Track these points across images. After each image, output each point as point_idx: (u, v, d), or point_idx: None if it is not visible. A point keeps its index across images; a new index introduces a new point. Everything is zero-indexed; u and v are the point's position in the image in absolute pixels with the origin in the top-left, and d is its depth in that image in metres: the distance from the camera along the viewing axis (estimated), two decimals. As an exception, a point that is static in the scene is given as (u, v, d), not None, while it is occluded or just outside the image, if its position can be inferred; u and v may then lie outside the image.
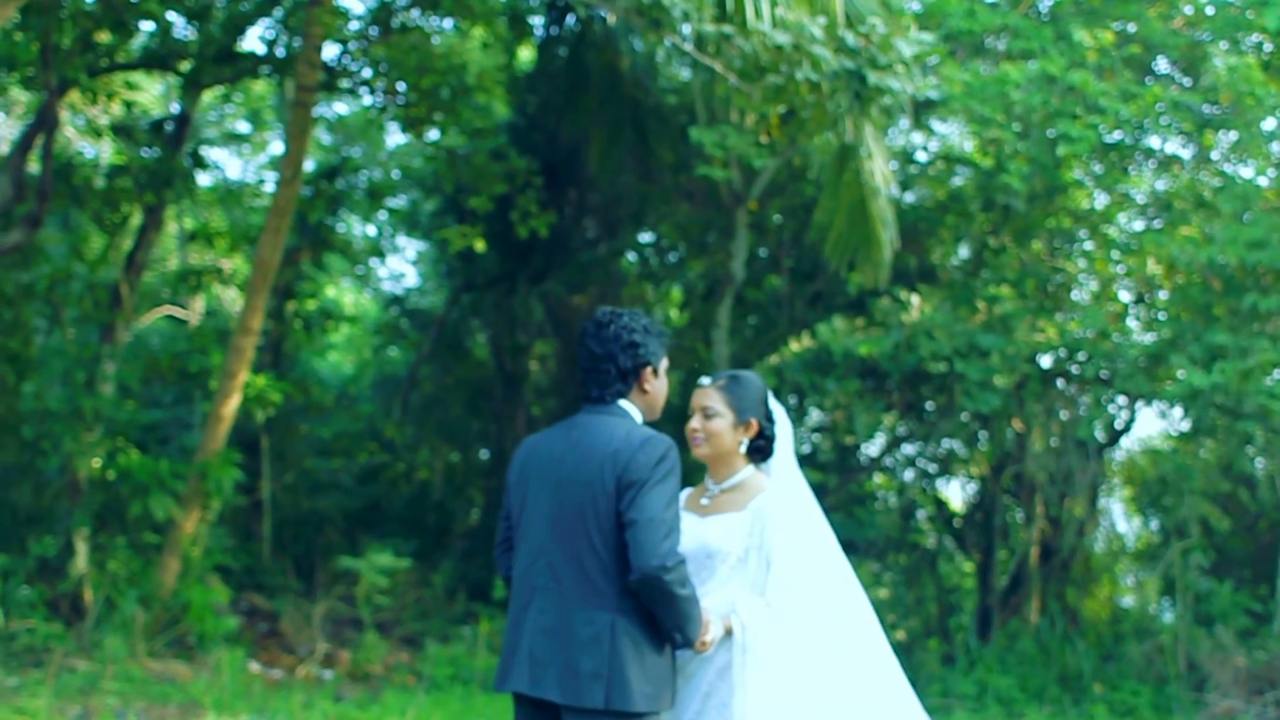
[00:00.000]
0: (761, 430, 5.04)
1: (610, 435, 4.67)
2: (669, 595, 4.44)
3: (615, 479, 4.55)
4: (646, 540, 4.43)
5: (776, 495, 4.93)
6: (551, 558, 4.61)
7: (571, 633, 4.52)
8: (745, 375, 5.08)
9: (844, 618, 4.96)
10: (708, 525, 4.88)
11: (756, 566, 4.83)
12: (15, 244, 14.54)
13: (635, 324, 4.84)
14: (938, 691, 14.24)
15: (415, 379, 22.19)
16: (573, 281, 20.66)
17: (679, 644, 4.60)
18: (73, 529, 14.48)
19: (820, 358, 14.85)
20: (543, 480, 4.72)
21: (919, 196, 17.59)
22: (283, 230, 14.47)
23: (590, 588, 4.54)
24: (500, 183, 16.30)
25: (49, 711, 10.42)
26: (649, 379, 4.85)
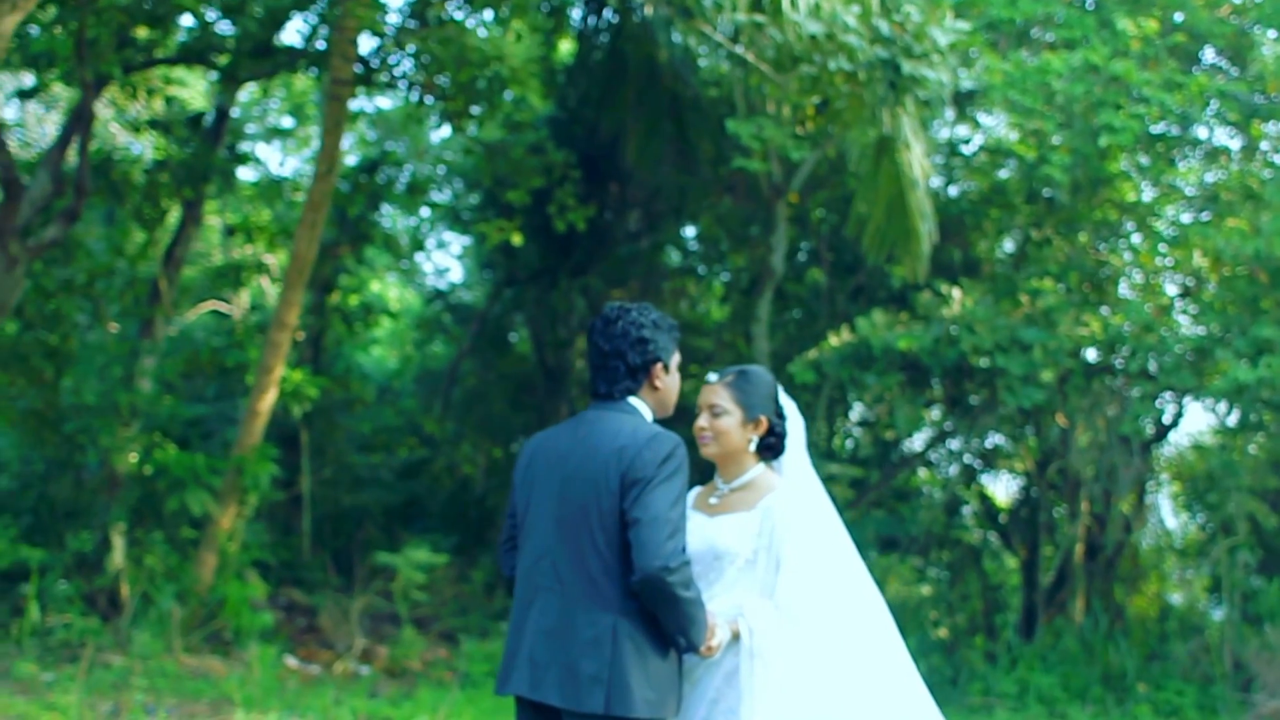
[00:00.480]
0: (772, 427, 4.88)
1: (617, 432, 4.53)
2: (672, 597, 4.29)
3: (620, 476, 4.41)
4: (650, 540, 4.28)
5: (787, 494, 4.77)
6: (555, 557, 4.49)
7: (573, 634, 4.39)
8: (753, 370, 4.93)
9: (857, 620, 4.79)
10: (716, 525, 4.74)
11: (766, 568, 4.67)
12: (53, 239, 14.54)
13: (644, 319, 4.69)
14: (979, 690, 14.06)
15: (456, 374, 22.13)
16: (614, 275, 20.55)
17: (683, 648, 4.45)
18: (110, 524, 14.50)
19: (860, 352, 14.67)
20: (548, 478, 4.59)
21: (964, 189, 17.38)
22: (318, 224, 14.42)
23: (593, 588, 4.41)
24: (538, 176, 16.22)
25: (80, 707, 10.39)
26: (659, 375, 4.71)
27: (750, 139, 13.62)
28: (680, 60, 16.33)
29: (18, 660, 12.32)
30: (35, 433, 15.35)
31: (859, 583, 4.88)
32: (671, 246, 20.39)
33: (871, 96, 11.59)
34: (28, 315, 15.57)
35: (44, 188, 14.91)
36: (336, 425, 19.43)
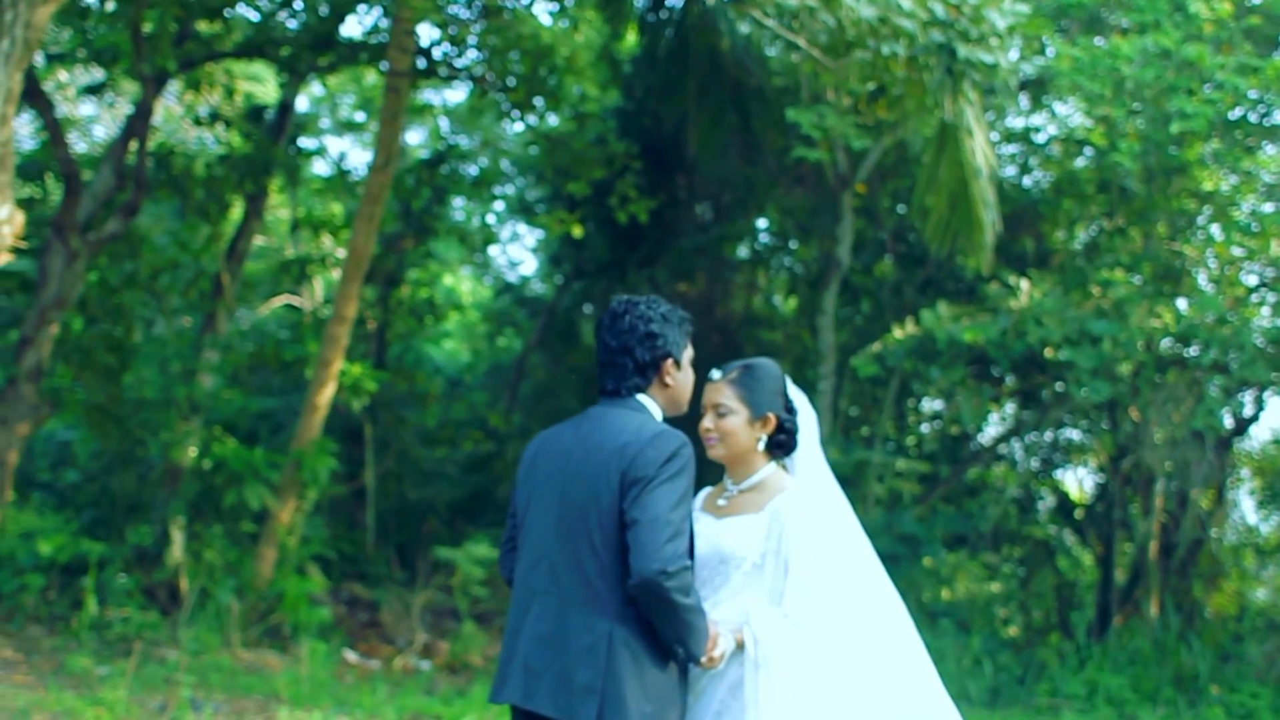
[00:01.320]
0: (781, 424, 4.64)
1: (620, 429, 4.31)
2: (669, 604, 4.05)
3: (620, 475, 4.19)
4: (648, 542, 4.05)
5: (797, 495, 4.52)
6: (553, 560, 4.28)
7: (567, 642, 4.17)
8: (759, 364, 4.70)
9: (871, 628, 4.55)
10: (722, 528, 4.50)
11: (774, 573, 4.42)
12: (113, 233, 14.56)
13: (653, 312, 4.49)
14: (1046, 691, 13.74)
15: (524, 367, 22.01)
16: (681, 268, 20.35)
17: (681, 659, 4.23)
18: (169, 518, 14.50)
19: (924, 345, 14.38)
20: (549, 477, 4.38)
21: (1037, 179, 17.02)
22: (376, 217, 14.33)
23: (589, 593, 4.19)
24: (599, 168, 16.04)
25: (127, 703, 10.34)
26: (670, 372, 4.50)
27: (811, 128, 13.37)
28: (743, 48, 16.08)
29: (71, 654, 12.32)
30: (98, 427, 15.40)
31: (875, 587, 4.63)
32: (739, 238, 20.08)
33: (929, 82, 11.29)
34: (91, 309, 15.63)
35: (106, 182, 14.97)
36: (401, 419, 19.37)
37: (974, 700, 13.58)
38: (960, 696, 13.58)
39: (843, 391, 16.40)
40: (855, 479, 16.25)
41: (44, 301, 14.32)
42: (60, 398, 15.02)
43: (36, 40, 7.93)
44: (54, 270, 14.31)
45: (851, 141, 13.56)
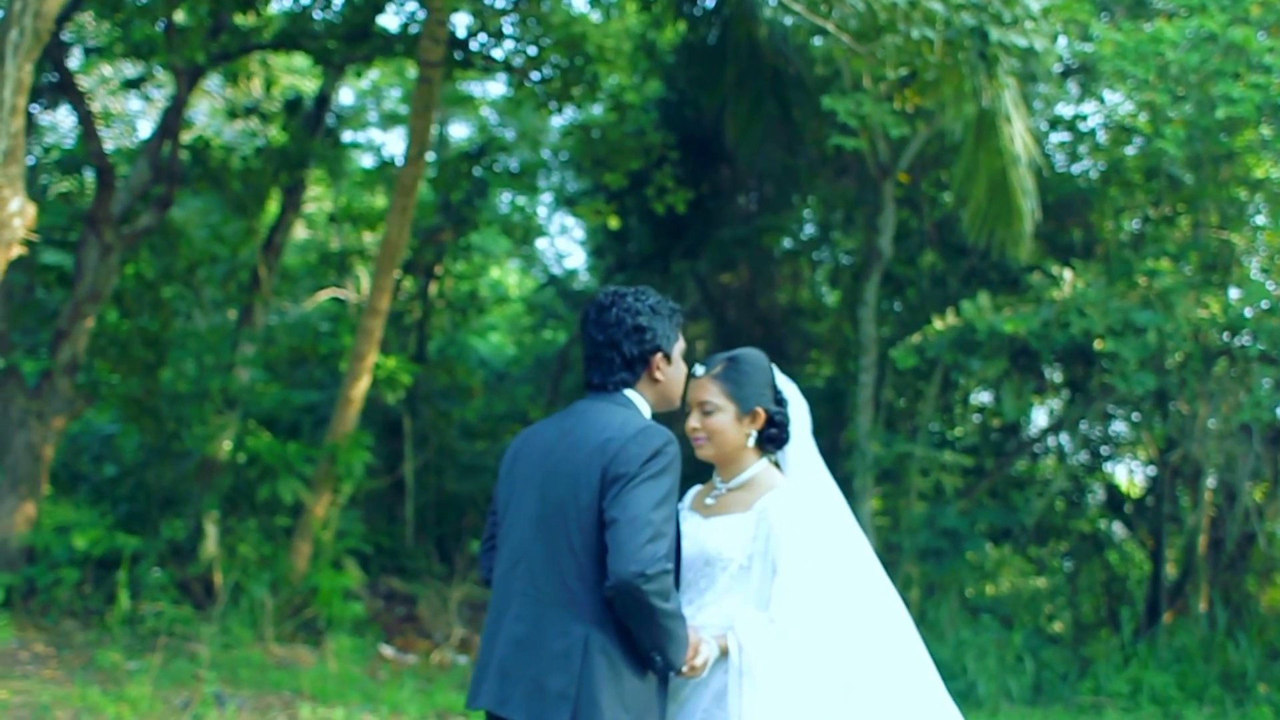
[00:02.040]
0: (771, 418, 4.45)
1: (604, 424, 4.13)
2: (647, 608, 3.85)
3: (600, 471, 4.00)
4: (626, 542, 3.85)
5: (787, 493, 4.31)
6: (532, 560, 4.09)
7: (543, 646, 3.99)
8: (745, 356, 4.51)
9: (864, 633, 4.33)
10: (709, 527, 4.31)
11: (762, 575, 4.22)
12: (146, 226, 14.54)
13: (641, 305, 4.31)
14: (1089, 689, 13.46)
15: (566, 360, 21.88)
16: (723, 260, 20.17)
17: (659, 667, 4.01)
18: (203, 512, 14.46)
19: (965, 336, 14.12)
20: (530, 473, 4.20)
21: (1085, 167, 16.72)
22: (409, 209, 14.22)
23: (567, 595, 4.01)
24: (636, 158, 15.87)
25: (151, 698, 10.29)
26: (660, 366, 4.32)
27: (848, 116, 13.12)
28: (781, 37, 15.87)
29: (102, 649, 12.29)
30: (135, 420, 15.39)
31: (871, 589, 4.42)
32: (782, 230, 19.84)
33: (962, 67, 11.04)
34: (128, 303, 15.62)
35: (142, 176, 14.96)
36: (442, 412, 19.28)
37: (1015, 698, 13.34)
38: (1002, 693, 13.36)
39: (885, 383, 16.15)
40: (897, 472, 16.03)
41: (79, 295, 14.32)
42: (97, 391, 15.03)
43: (46, 30, 7.85)
44: (89, 264, 14.32)
45: (889, 129, 13.28)
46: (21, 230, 7.92)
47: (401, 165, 14.66)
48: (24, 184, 7.97)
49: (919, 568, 15.21)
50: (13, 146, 7.71)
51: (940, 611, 14.62)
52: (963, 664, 13.58)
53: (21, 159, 7.81)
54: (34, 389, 14.27)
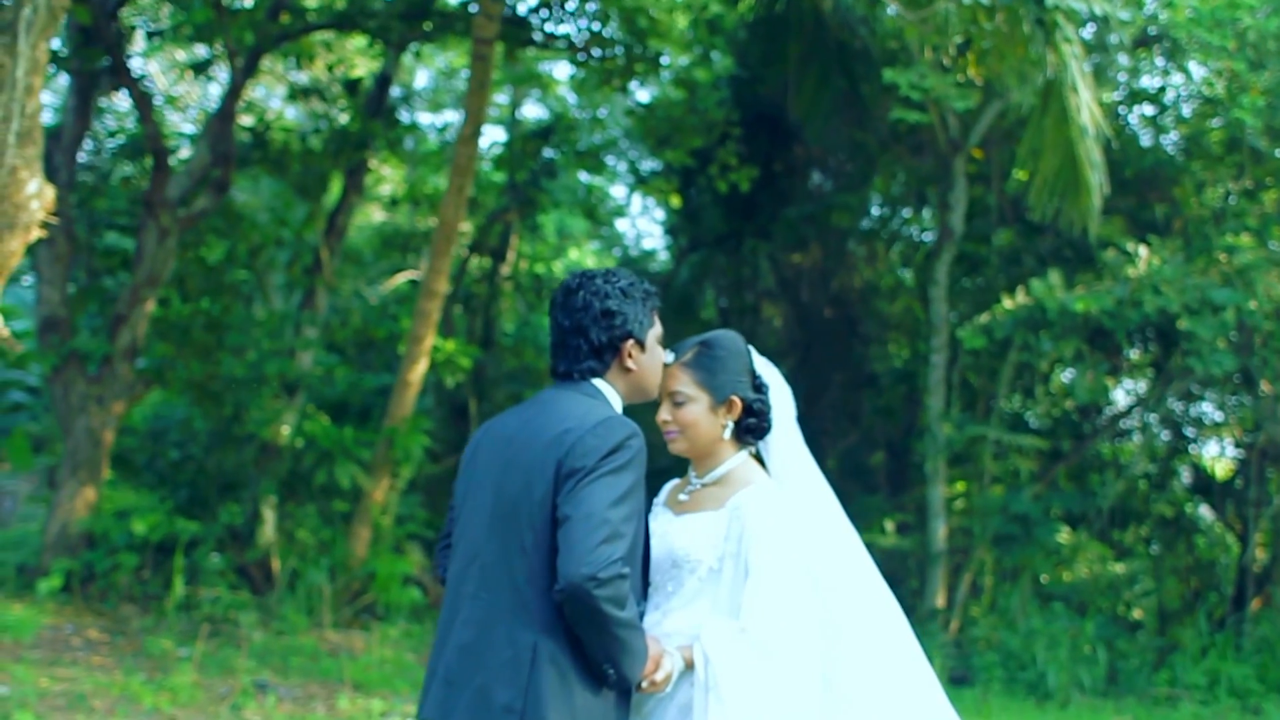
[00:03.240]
0: (749, 406, 4.08)
1: (565, 414, 3.79)
2: (598, 616, 3.51)
3: (556, 464, 3.68)
4: (578, 542, 3.51)
5: (764, 488, 3.96)
6: (484, 560, 3.76)
7: (489, 653, 3.67)
8: (718, 339, 4.15)
9: (850, 645, 3.99)
10: (678, 526, 3.98)
11: (733, 578, 3.87)
12: (203, 209, 14.45)
13: (610, 287, 3.95)
14: (1165, 680, 13.01)
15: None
16: (795, 239, 19.79)
17: (612, 681, 3.67)
18: (260, 497, 14.37)
19: (1035, 315, 13.67)
20: (488, 467, 3.88)
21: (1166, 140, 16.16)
22: (465, 189, 14.01)
23: (517, 599, 3.67)
24: (698, 136, 15.54)
25: (193, 687, 10.16)
26: (632, 354, 3.96)
27: (909, 89, 12.71)
28: (846, 8, 15.44)
29: (152, 636, 12.22)
30: (197, 405, 15.33)
31: (858, 596, 4.06)
32: (854, 208, 19.39)
33: (1024, 35, 10.59)
34: (189, 287, 15.56)
35: (202, 159, 14.86)
36: (511, 395, 19.08)
37: (1087, 689, 12.92)
38: (1073, 684, 12.94)
39: (957, 365, 15.72)
40: (969, 456, 15.63)
41: (138, 279, 14.27)
42: (158, 376, 14.98)
43: (61, 8, 7.68)
44: (147, 248, 14.26)
45: (953, 102, 12.85)
46: (40, 213, 7.77)
47: (457, 145, 14.43)
48: (42, 165, 7.80)
49: (991, 554, 14.81)
50: (29, 127, 7.55)
51: (1011, 599, 14.21)
52: (1033, 654, 13.19)
53: (39, 140, 7.64)
54: (95, 374, 14.24)
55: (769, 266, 21.00)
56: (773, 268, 20.88)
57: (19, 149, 7.63)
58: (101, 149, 16.19)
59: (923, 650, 4.20)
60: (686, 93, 17.07)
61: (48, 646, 11.69)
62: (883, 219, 20.05)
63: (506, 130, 21.98)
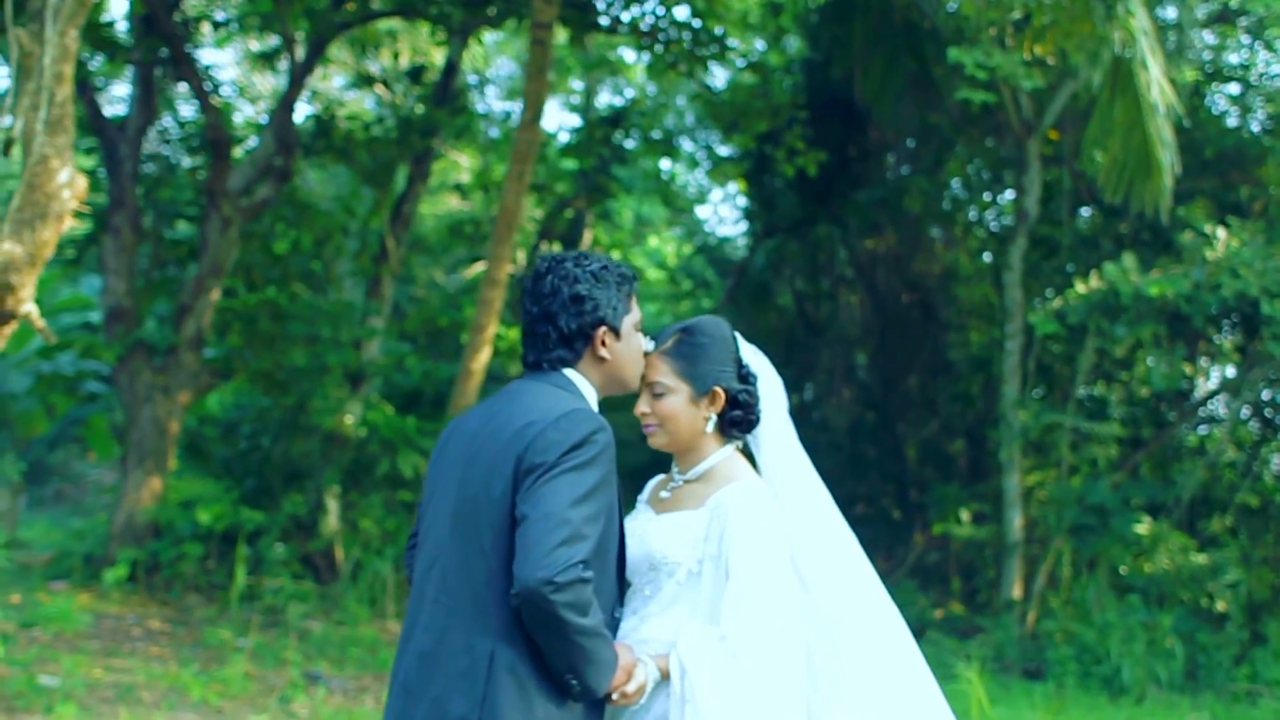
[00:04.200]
0: (734, 398, 3.81)
1: (529, 407, 3.56)
2: (556, 623, 3.28)
3: (515, 460, 3.45)
4: (536, 543, 3.28)
5: (748, 485, 3.70)
6: (445, 561, 3.55)
7: (446, 661, 3.45)
8: (700, 326, 3.88)
9: (841, 656, 3.72)
10: (657, 526, 3.74)
11: (714, 582, 3.61)
12: (264, 199, 14.44)
13: (581, 271, 3.71)
14: (1245, 675, 12.60)
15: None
16: (871, 224, 19.47)
17: (576, 692, 3.43)
18: (324, 487, 14.33)
19: (1108, 300, 13.28)
20: (453, 463, 3.65)
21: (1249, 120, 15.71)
22: (526, 176, 13.81)
23: (475, 604, 3.45)
24: (763, 120, 15.27)
25: (244, 680, 10.10)
26: (606, 341, 3.71)
27: (975, 68, 12.35)
28: (914, -12, 15.12)
29: (211, 626, 12.20)
30: (264, 394, 15.34)
31: (852, 602, 3.78)
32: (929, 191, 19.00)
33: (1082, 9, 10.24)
34: (255, 277, 15.57)
35: (267, 148, 14.85)
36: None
37: (1163, 683, 12.54)
38: (1149, 679, 12.58)
39: (1033, 351, 15.34)
40: (1044, 445, 15.27)
41: (202, 269, 14.28)
42: (226, 366, 15.00)
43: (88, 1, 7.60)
44: (210, 238, 14.26)
45: (1021, 81, 12.46)
46: (72, 202, 7.70)
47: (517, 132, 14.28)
48: (73, 154, 7.73)
49: (1069, 544, 14.45)
50: (59, 116, 7.47)
51: (1086, 591, 13.85)
52: (1107, 648, 12.83)
53: (70, 129, 7.56)
54: (160, 364, 14.28)
55: (845, 252, 20.70)
56: (848, 253, 20.58)
57: (49, 138, 7.57)
58: (170, 139, 16.21)
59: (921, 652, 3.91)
60: (759, 77, 16.82)
61: (108, 636, 11.71)
62: (957, 203, 19.65)
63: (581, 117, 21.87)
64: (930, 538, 17.81)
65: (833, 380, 21.62)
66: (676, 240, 28.22)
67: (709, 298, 23.11)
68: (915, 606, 16.24)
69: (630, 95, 21.80)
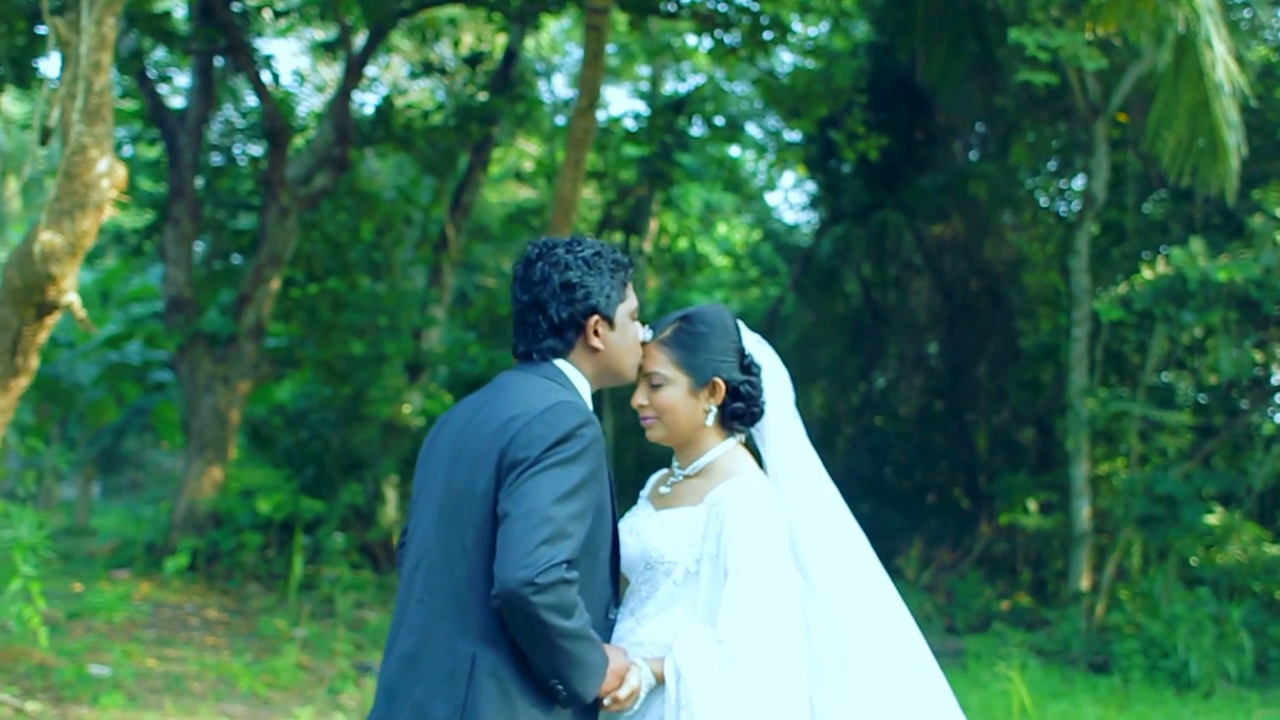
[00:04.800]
0: (735, 389, 3.64)
1: (515, 399, 3.41)
2: (539, 625, 3.13)
3: (499, 455, 3.30)
4: (517, 542, 3.13)
5: (747, 481, 3.53)
6: (431, 560, 3.41)
7: (429, 664, 3.31)
8: (701, 315, 3.69)
9: (846, 660, 3.55)
10: (656, 523, 3.58)
11: (712, 582, 3.45)
12: (322, 188, 14.43)
13: (572, 257, 3.55)
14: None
15: (777, 316, 21.19)
16: (937, 210, 19.20)
17: (562, 699, 3.27)
18: (382, 476, 14.31)
19: (1176, 286, 12.98)
20: (440, 459, 3.51)
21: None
22: (582, 163, 13.69)
23: (459, 605, 3.31)
24: (823, 105, 15.07)
25: (294, 671, 10.08)
26: (599, 331, 3.55)
27: (1037, 49, 12.08)
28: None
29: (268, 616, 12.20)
30: (325, 384, 15.35)
31: (860, 603, 3.60)
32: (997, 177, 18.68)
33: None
34: (314, 266, 15.58)
35: (326, 138, 14.84)
36: (643, 374, 18.80)
37: (1232, 678, 12.24)
38: (1218, 673, 12.30)
39: (1100, 338, 15.05)
40: (1113, 433, 14.99)
41: (261, 259, 14.29)
42: (288, 355, 15.02)
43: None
44: (269, 228, 14.28)
45: (1084, 62, 12.16)
46: (111, 191, 7.68)
47: (573, 118, 14.18)
48: (112, 143, 7.70)
49: (1137, 535, 14.17)
50: (98, 105, 7.44)
51: (1155, 583, 13.57)
52: (1175, 641, 12.55)
53: (109, 118, 7.53)
54: (221, 354, 14.32)
55: (912, 239, 20.45)
56: (916, 240, 20.32)
57: (88, 127, 7.54)
58: (233, 130, 16.26)
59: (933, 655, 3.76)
60: (824, 61, 16.62)
61: (164, 626, 11.74)
62: (1025, 188, 19.33)
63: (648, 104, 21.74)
64: (998, 528, 17.55)
65: (902, 368, 21.39)
66: (746, 227, 28.03)
67: (775, 285, 22.91)
68: (981, 598, 16.03)
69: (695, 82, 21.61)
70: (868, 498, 19.09)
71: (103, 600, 11.15)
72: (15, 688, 8.59)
